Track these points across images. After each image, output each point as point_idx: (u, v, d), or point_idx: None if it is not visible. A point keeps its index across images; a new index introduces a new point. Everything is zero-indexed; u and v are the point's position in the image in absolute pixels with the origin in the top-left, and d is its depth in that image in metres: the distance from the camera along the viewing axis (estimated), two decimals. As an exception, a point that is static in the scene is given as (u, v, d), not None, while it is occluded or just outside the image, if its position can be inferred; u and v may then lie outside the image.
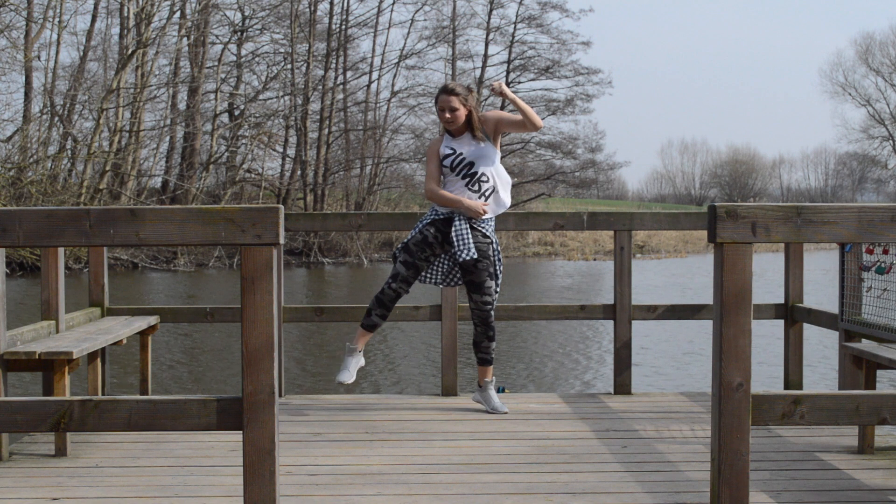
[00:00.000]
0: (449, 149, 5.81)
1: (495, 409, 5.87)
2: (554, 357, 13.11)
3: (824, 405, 3.10)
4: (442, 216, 5.78)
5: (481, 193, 5.77)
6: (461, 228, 5.68)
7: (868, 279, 5.41)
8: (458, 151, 5.78)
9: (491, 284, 5.79)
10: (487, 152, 5.80)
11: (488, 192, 5.78)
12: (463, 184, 5.77)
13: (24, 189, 26.66)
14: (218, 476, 4.47)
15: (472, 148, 5.78)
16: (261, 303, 3.01)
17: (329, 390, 10.40)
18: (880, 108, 63.46)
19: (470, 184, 5.77)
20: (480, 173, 5.76)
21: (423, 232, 5.78)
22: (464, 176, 5.76)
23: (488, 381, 5.93)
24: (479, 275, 5.76)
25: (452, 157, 5.79)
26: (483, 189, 5.78)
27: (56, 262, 5.58)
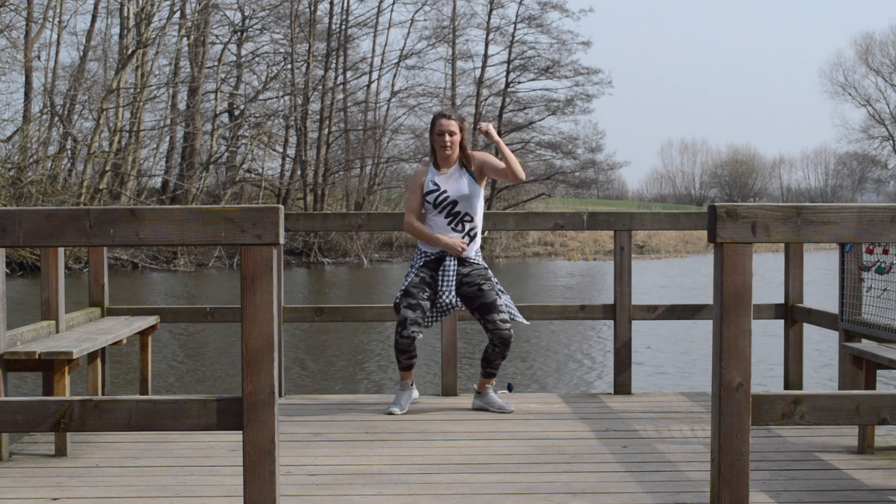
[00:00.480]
0: (433, 184, 5.76)
1: (502, 409, 5.87)
2: (554, 357, 13.11)
3: (824, 405, 3.10)
4: (433, 256, 5.76)
5: (465, 233, 5.75)
6: (448, 269, 5.68)
7: (868, 279, 5.41)
8: (443, 189, 5.74)
9: (502, 301, 5.77)
10: (472, 191, 5.76)
11: (472, 231, 5.77)
12: (445, 222, 5.75)
13: (24, 189, 26.66)
14: (218, 476, 4.47)
15: (457, 186, 5.74)
16: (261, 303, 3.01)
17: (329, 390, 10.40)
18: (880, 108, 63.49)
19: (453, 223, 5.75)
20: (464, 213, 5.75)
21: (418, 275, 5.76)
22: (447, 215, 5.74)
23: (488, 388, 5.94)
24: (487, 296, 5.74)
25: (436, 194, 5.75)
26: (467, 229, 5.77)
27: (56, 262, 5.58)
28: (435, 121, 5.79)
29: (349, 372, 11.88)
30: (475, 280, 5.76)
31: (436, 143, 5.78)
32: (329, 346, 14.08)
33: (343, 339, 14.56)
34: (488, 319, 5.74)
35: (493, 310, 5.73)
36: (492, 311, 5.73)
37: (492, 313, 5.73)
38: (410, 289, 5.74)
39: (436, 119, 5.80)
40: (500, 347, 5.78)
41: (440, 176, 5.78)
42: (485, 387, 5.93)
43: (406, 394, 5.91)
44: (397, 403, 5.86)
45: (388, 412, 5.80)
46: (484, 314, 5.75)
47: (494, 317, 5.73)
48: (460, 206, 5.73)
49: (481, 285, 5.75)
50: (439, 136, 5.75)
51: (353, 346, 13.92)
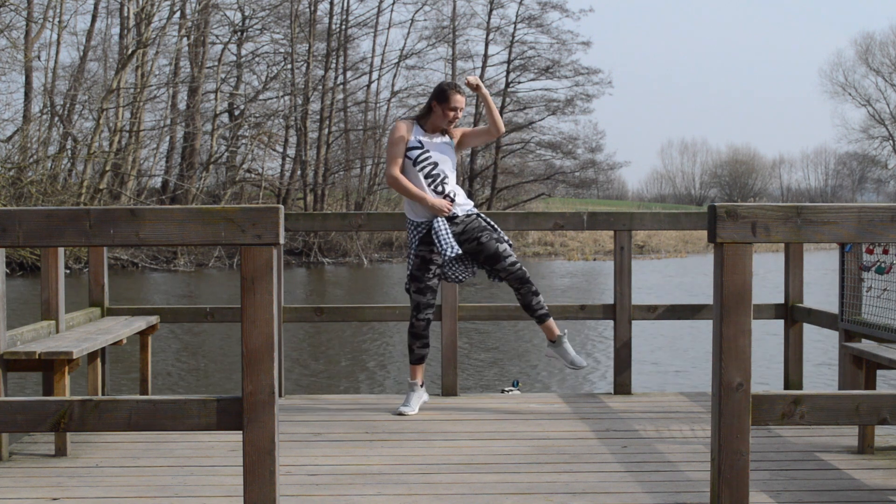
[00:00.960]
0: (417, 141, 5.73)
1: (572, 363, 5.82)
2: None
3: (824, 405, 3.10)
4: (424, 230, 5.72)
5: (445, 195, 5.72)
6: (440, 228, 5.62)
7: (868, 279, 5.41)
8: (426, 149, 5.71)
9: (504, 247, 5.70)
10: (452, 156, 5.78)
11: (452, 194, 5.75)
12: (426, 182, 5.69)
13: (24, 189, 26.66)
14: (218, 476, 4.47)
15: (441, 148, 5.75)
16: (261, 303, 3.01)
17: (329, 390, 10.40)
18: (880, 108, 63.50)
19: (433, 184, 5.70)
20: (444, 175, 5.72)
21: (418, 255, 5.73)
22: (427, 175, 5.69)
23: (560, 336, 5.86)
24: (489, 246, 5.70)
25: (420, 152, 5.71)
26: (446, 191, 5.73)
27: (56, 262, 5.58)
28: (450, 95, 5.72)
29: (349, 372, 11.88)
30: (472, 235, 5.72)
31: (443, 115, 5.72)
32: (329, 346, 14.08)
33: (343, 339, 14.56)
34: (497, 269, 5.72)
35: (498, 258, 5.69)
36: (497, 259, 5.70)
37: (497, 262, 5.70)
38: (415, 273, 5.73)
39: (451, 93, 5.72)
40: (523, 287, 5.75)
41: (425, 137, 5.76)
42: (555, 334, 5.85)
43: (416, 395, 5.86)
44: (407, 404, 5.81)
45: (398, 412, 5.76)
46: (492, 265, 5.73)
47: (501, 264, 5.70)
48: (440, 168, 5.71)
49: (479, 238, 5.71)
50: (451, 111, 5.71)
51: (353, 346, 13.92)
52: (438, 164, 5.71)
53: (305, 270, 31.32)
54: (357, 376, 11.57)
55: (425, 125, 5.78)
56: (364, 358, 12.96)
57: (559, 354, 5.89)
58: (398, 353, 13.52)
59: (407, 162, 5.71)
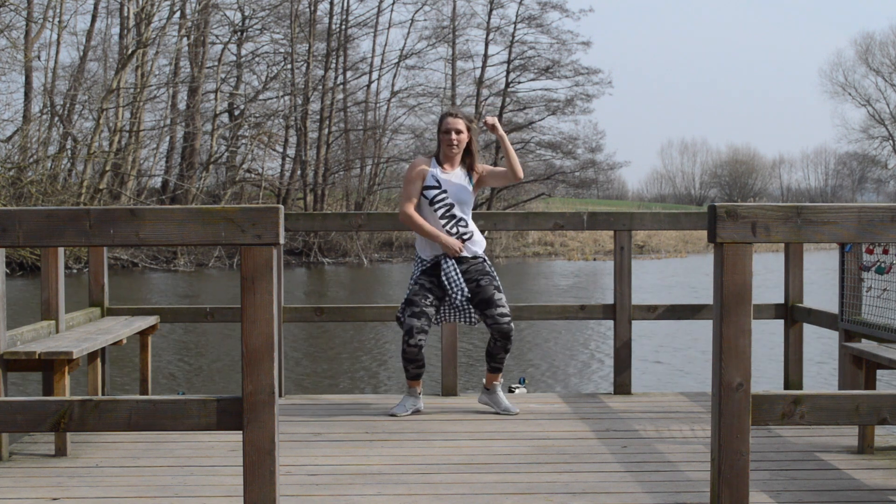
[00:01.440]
0: (435, 180, 5.71)
1: (507, 411, 5.84)
2: (554, 357, 13.11)
3: (824, 405, 3.10)
4: (430, 263, 5.72)
5: (458, 236, 5.72)
6: (449, 269, 5.64)
7: (868, 279, 5.41)
8: (444, 188, 5.70)
9: (501, 296, 5.73)
10: (469, 197, 5.75)
11: (466, 236, 5.74)
12: (441, 223, 5.69)
13: (24, 189, 26.66)
14: (218, 476, 4.47)
15: (458, 189, 5.72)
16: (261, 303, 3.01)
17: (329, 390, 10.40)
18: (880, 108, 63.49)
19: (448, 225, 5.70)
20: (460, 218, 5.71)
21: (418, 282, 5.73)
22: (442, 216, 5.69)
23: (496, 384, 5.91)
24: (486, 291, 5.71)
25: (436, 192, 5.70)
26: (461, 233, 5.72)
27: (56, 262, 5.58)
28: (443, 119, 5.76)
29: (349, 372, 11.88)
30: (473, 276, 5.74)
31: (443, 141, 5.73)
32: (329, 346, 14.08)
33: (343, 339, 14.56)
34: (486, 314, 5.72)
35: (491, 304, 5.71)
36: (490, 305, 5.71)
37: (490, 308, 5.71)
38: (412, 297, 5.70)
39: (444, 117, 5.77)
40: (501, 341, 5.77)
41: (443, 175, 5.74)
42: (492, 383, 5.90)
43: (412, 400, 5.87)
44: (402, 406, 5.83)
45: (391, 413, 5.79)
46: (482, 309, 5.73)
47: (493, 311, 5.71)
48: (456, 209, 5.71)
49: (479, 280, 5.73)
50: (446, 135, 5.71)
51: (353, 346, 13.92)
52: (455, 205, 5.70)
53: (305, 270, 31.32)
54: (357, 376, 11.57)
55: (441, 160, 5.78)
56: (364, 358, 12.96)
57: (492, 402, 5.91)
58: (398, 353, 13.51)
59: (423, 200, 5.71)
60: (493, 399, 5.90)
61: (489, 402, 5.93)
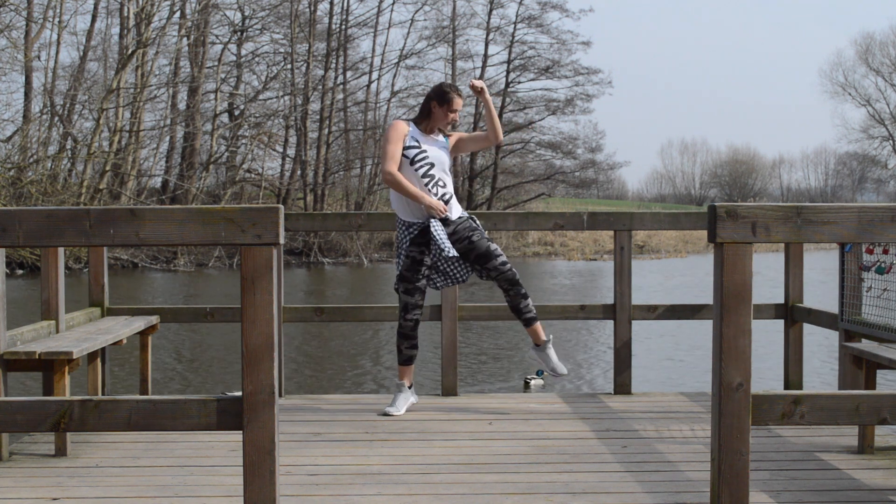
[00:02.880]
0: (414, 140, 5.71)
1: (554, 370, 5.85)
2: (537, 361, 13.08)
3: (824, 405, 3.10)
4: (416, 230, 5.71)
5: (440, 197, 5.71)
6: (437, 230, 5.61)
7: (868, 279, 5.41)
8: (423, 148, 5.71)
9: (496, 246, 5.72)
10: (448, 159, 5.78)
11: (446, 196, 5.74)
12: (422, 182, 5.67)
13: (24, 189, 26.66)
14: (218, 476, 4.47)
15: (437, 150, 5.74)
16: (261, 303, 3.01)
17: (329, 390, 10.40)
18: (880, 108, 63.50)
19: (429, 184, 5.69)
20: (438, 178, 5.71)
21: (409, 255, 5.71)
22: (424, 175, 5.67)
23: (546, 341, 5.88)
24: (480, 245, 5.70)
25: (416, 151, 5.69)
26: (440, 194, 5.72)
27: (56, 262, 5.58)
28: (452, 97, 5.72)
29: (349, 372, 11.88)
30: (463, 234, 5.71)
31: (444, 115, 5.73)
32: (329, 346, 14.08)
33: (343, 339, 14.56)
34: (488, 267, 5.70)
35: (490, 257, 5.69)
36: (488, 258, 5.69)
37: (489, 260, 5.69)
38: (405, 273, 5.73)
39: (453, 96, 5.73)
40: (513, 288, 5.74)
41: (422, 135, 5.75)
42: (538, 338, 5.86)
43: (403, 396, 5.86)
44: (394, 404, 5.81)
45: (384, 413, 5.77)
46: (482, 264, 5.71)
47: (493, 262, 5.69)
48: (436, 169, 5.71)
49: (470, 237, 5.71)
50: (451, 113, 5.73)
51: (353, 346, 13.92)
52: (435, 164, 5.71)
53: (305, 270, 31.33)
54: (357, 376, 11.57)
55: (422, 126, 5.78)
56: (364, 358, 12.96)
57: (542, 359, 5.92)
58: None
59: (404, 161, 5.68)
60: (542, 356, 5.90)
61: (538, 358, 5.94)
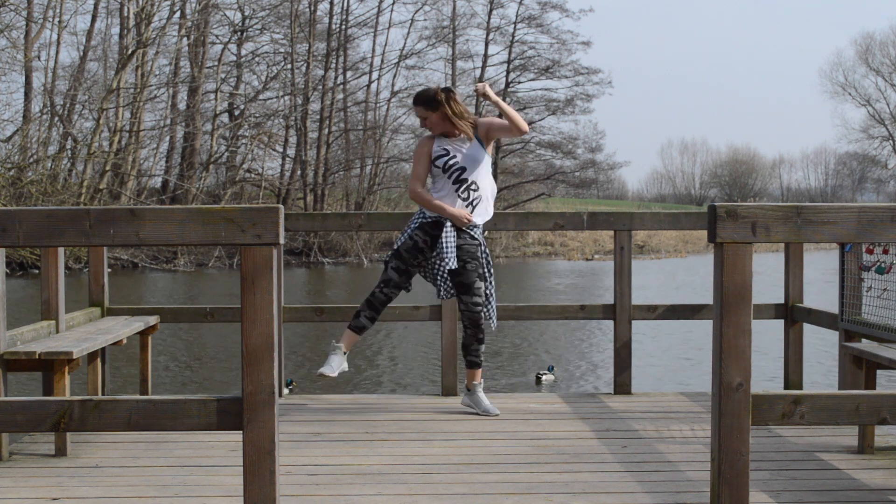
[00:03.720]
0: (442, 149, 5.70)
1: (486, 412, 5.75)
2: (554, 357, 13.11)
3: (824, 405, 3.10)
4: (430, 219, 5.68)
5: (469, 202, 5.68)
6: (447, 236, 5.59)
7: (868, 279, 5.41)
8: (452, 154, 5.68)
9: (480, 286, 5.65)
10: (480, 157, 5.69)
11: (476, 201, 5.69)
12: (453, 188, 5.66)
13: (24, 189, 26.67)
14: (218, 476, 4.47)
15: (466, 152, 5.68)
16: (261, 303, 3.01)
17: (329, 390, 10.40)
18: (880, 108, 63.49)
19: (460, 189, 5.66)
20: (471, 181, 5.67)
21: (412, 237, 5.69)
22: (455, 180, 5.65)
23: (476, 384, 5.80)
24: (468, 276, 5.63)
25: (446, 158, 5.68)
26: (472, 198, 5.67)
27: (56, 262, 5.58)
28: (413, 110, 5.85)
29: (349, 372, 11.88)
30: (462, 256, 5.65)
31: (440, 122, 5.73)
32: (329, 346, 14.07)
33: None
34: (462, 299, 5.66)
35: (468, 291, 5.62)
36: (467, 291, 5.62)
37: (466, 294, 5.62)
38: (403, 252, 5.69)
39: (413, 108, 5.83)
40: (472, 329, 5.67)
41: (448, 142, 5.72)
42: (472, 382, 5.80)
43: (338, 359, 5.73)
44: (328, 364, 5.67)
45: (319, 373, 5.66)
46: (460, 293, 5.67)
47: (468, 298, 5.62)
48: (468, 172, 5.65)
49: (465, 264, 5.64)
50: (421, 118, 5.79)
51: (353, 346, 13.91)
52: (466, 168, 5.67)
53: (305, 270, 31.32)
54: (357, 376, 11.57)
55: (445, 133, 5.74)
56: (364, 358, 12.96)
57: (473, 402, 5.82)
58: (399, 353, 13.53)
59: (436, 171, 5.71)
60: (474, 400, 5.79)
61: (470, 403, 5.81)
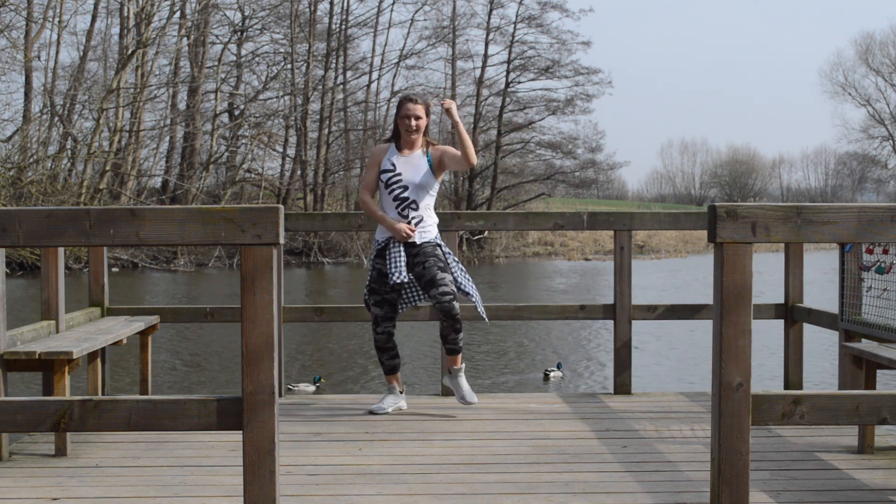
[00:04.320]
0: (390, 164, 5.74)
1: (463, 399, 5.78)
2: (554, 357, 13.11)
3: (824, 405, 3.10)
4: (382, 244, 5.77)
5: (408, 220, 5.70)
6: (393, 252, 5.67)
7: (868, 279, 5.41)
8: (398, 171, 5.71)
9: (444, 276, 5.62)
10: (426, 181, 5.72)
11: (414, 220, 5.71)
12: (393, 205, 5.72)
13: (24, 189, 26.67)
14: (218, 476, 4.47)
15: (413, 172, 5.70)
16: (261, 302, 3.01)
17: (329, 390, 10.40)
18: (880, 108, 63.49)
19: (399, 207, 5.71)
20: (411, 200, 5.71)
21: (374, 267, 5.80)
22: (395, 198, 5.71)
23: (457, 369, 5.83)
24: (429, 271, 5.63)
25: (391, 175, 5.72)
26: (410, 217, 5.71)
27: (56, 262, 5.58)
28: (402, 104, 5.75)
29: (349, 372, 11.89)
30: (420, 259, 5.69)
31: (401, 126, 5.72)
32: (329, 346, 14.08)
33: (343, 339, 14.56)
34: (430, 295, 5.67)
35: (434, 284, 5.61)
36: (432, 285, 5.62)
37: (432, 288, 5.62)
38: (372, 285, 5.81)
39: (402, 102, 5.75)
40: (448, 320, 5.66)
41: (400, 158, 5.74)
42: (452, 367, 5.83)
43: (393, 398, 5.87)
44: (380, 403, 5.83)
45: (370, 410, 5.80)
46: (428, 290, 5.67)
47: (434, 291, 5.60)
48: (409, 192, 5.69)
49: (424, 263, 5.68)
50: (405, 119, 5.69)
51: (353, 347, 13.92)
52: (409, 187, 5.71)
53: (305, 270, 31.33)
54: (357, 376, 11.57)
55: (400, 145, 5.78)
56: (363, 358, 12.96)
57: (453, 386, 5.87)
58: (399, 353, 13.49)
59: (381, 185, 5.77)
60: (454, 384, 5.84)
61: (450, 385, 5.88)
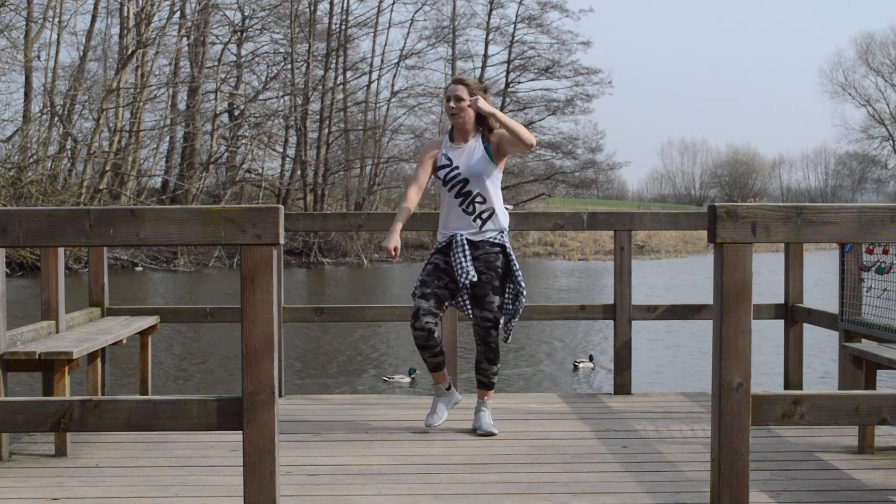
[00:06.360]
0: (446, 158, 5.33)
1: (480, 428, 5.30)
2: (554, 357, 13.11)
3: (824, 405, 3.10)
4: (443, 244, 5.34)
5: (477, 215, 5.26)
6: (457, 253, 5.22)
7: (868, 279, 5.41)
8: (455, 164, 5.29)
9: (494, 300, 5.23)
10: (485, 169, 5.26)
11: (485, 214, 5.27)
12: (456, 202, 5.27)
13: (24, 189, 26.67)
14: (218, 476, 4.47)
15: (470, 162, 5.27)
16: (261, 302, 3.01)
17: (329, 390, 10.40)
18: (880, 108, 63.52)
19: (464, 204, 5.26)
20: (475, 194, 5.26)
21: (431, 261, 5.34)
22: (457, 194, 5.27)
23: (481, 402, 5.39)
24: (482, 288, 5.23)
25: (447, 170, 5.30)
26: (478, 211, 5.26)
27: (56, 262, 5.58)
28: (447, 88, 5.42)
29: (349, 372, 11.89)
30: (478, 267, 5.25)
31: (447, 112, 5.38)
32: (329, 346, 14.08)
33: (343, 339, 14.56)
34: (473, 312, 5.27)
35: (480, 304, 5.23)
36: (478, 304, 5.24)
37: (477, 307, 5.24)
38: (425, 277, 5.27)
39: (448, 86, 5.43)
40: (482, 346, 5.30)
41: (454, 150, 5.32)
42: (478, 400, 5.41)
43: (440, 401, 5.43)
44: (434, 412, 5.39)
45: (426, 424, 5.35)
46: (473, 305, 5.26)
47: (478, 311, 5.24)
48: (471, 185, 5.25)
49: (481, 276, 5.23)
50: (447, 102, 5.34)
51: (353, 347, 13.92)
52: (469, 180, 5.25)
53: (305, 270, 31.32)
54: (357, 376, 11.57)
55: (453, 135, 5.40)
56: (364, 358, 12.96)
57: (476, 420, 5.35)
58: (398, 353, 13.52)
59: (440, 183, 5.38)
60: (477, 417, 5.35)
61: (475, 422, 5.37)
